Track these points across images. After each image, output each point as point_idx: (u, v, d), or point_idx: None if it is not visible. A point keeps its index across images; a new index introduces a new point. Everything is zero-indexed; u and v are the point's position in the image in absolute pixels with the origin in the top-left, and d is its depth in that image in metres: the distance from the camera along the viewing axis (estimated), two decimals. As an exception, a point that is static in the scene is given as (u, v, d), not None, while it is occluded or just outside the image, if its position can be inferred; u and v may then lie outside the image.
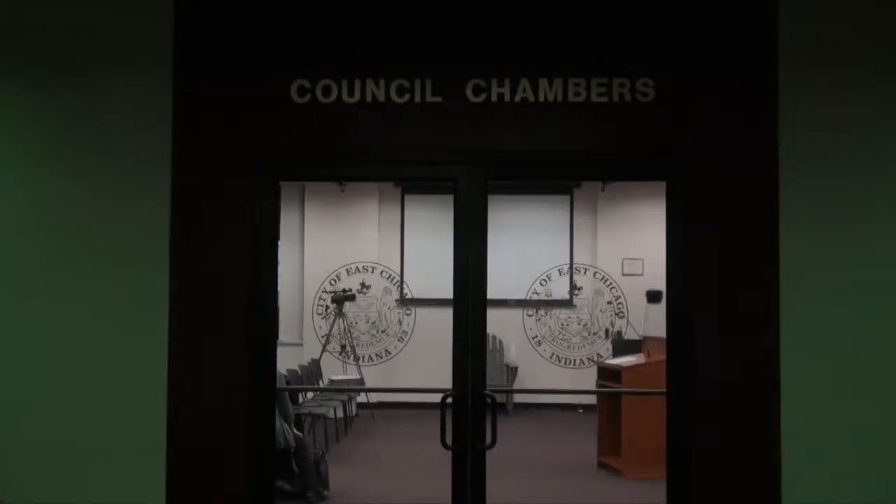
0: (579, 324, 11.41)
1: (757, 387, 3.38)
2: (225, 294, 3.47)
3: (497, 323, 10.18)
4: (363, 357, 10.22)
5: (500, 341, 10.83)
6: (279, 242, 3.69)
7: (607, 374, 7.98)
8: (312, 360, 9.68)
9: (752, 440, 3.38)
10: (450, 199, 3.55)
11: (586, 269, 11.29)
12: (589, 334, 11.33)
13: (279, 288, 4.99)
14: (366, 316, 10.63)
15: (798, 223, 3.38)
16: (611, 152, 3.49)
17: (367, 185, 11.05)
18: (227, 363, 3.45)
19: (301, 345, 10.70)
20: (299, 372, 8.60)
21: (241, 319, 3.45)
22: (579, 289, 11.31)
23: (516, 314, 10.70)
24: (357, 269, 11.25)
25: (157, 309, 3.44)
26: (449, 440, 3.49)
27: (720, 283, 3.40)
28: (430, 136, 3.50)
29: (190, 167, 3.47)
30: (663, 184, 3.52)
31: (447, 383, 3.58)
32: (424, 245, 10.89)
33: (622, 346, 9.15)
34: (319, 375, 9.45)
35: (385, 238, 11.11)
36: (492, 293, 3.62)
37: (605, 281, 12.18)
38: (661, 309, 3.63)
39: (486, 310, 3.57)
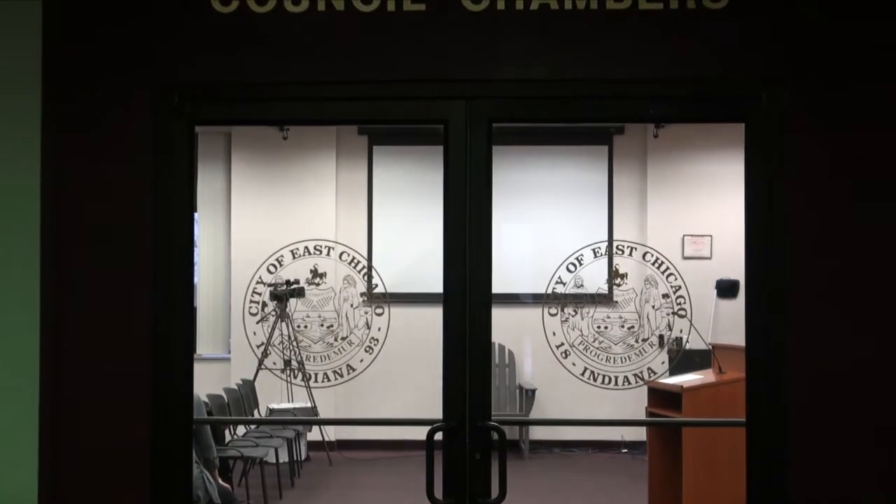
0: (623, 327, 11.25)
1: (878, 416, 3.40)
2: (118, 290, 3.47)
3: (506, 327, 10.18)
4: (316, 376, 10.17)
5: (511, 353, 10.84)
6: (195, 215, 3.67)
7: (662, 398, 7.98)
8: (244, 381, 9.66)
9: (867, 487, 3.40)
10: (437, 151, 3.54)
11: (632, 248, 11.10)
12: (636, 342, 11.19)
13: (196, 280, 4.91)
14: (319, 317, 10.48)
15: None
16: (665, 82, 3.48)
17: (320, 132, 11.02)
18: (121, 388, 3.45)
19: (228, 359, 10.69)
20: (226, 398, 8.59)
21: (143, 326, 3.46)
22: (622, 277, 11.21)
23: (533, 315, 10.53)
24: (307, 250, 11.03)
25: (22, 311, 3.42)
26: (439, 493, 3.49)
27: (826, 267, 3.41)
28: (409, 61, 3.48)
29: (65, 103, 3.47)
30: (740, 127, 3.51)
31: (436, 412, 3.59)
32: (402, 217, 10.88)
33: (683, 358, 9.14)
34: (254, 403, 9.43)
35: (346, 207, 11.12)
36: (498, 285, 3.61)
37: (659, 266, 11.99)
38: (737, 306, 3.63)
39: (491, 309, 3.56)
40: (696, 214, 10.84)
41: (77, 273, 3.47)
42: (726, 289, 10.56)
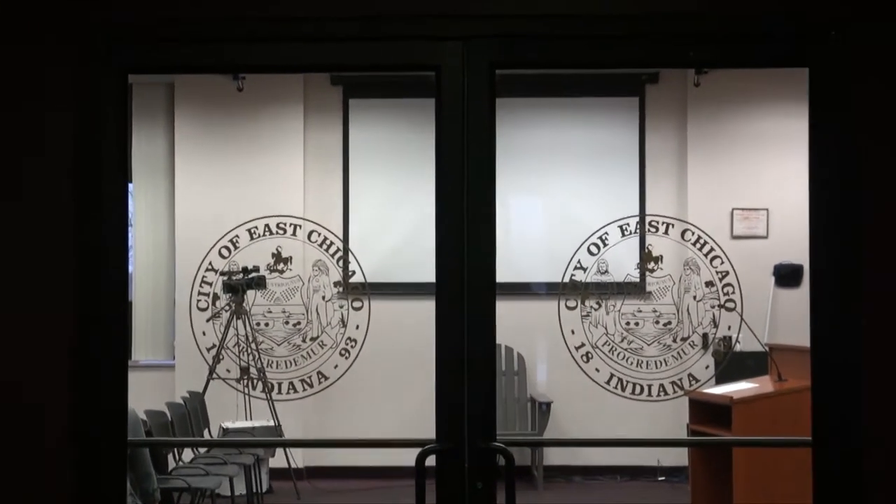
0: (657, 323, 11.22)
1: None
2: (29, 282, 3.46)
3: (514, 325, 10.19)
4: (280, 386, 10.18)
5: (520, 357, 10.85)
6: (129, 186, 3.65)
7: (707, 412, 7.99)
8: (191, 393, 9.66)
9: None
10: (428, 105, 3.54)
11: (669, 224, 11.04)
12: (674, 341, 11.16)
13: (130, 268, 4.88)
14: (284, 313, 10.43)
15: None
16: (710, 17, 3.49)
17: (284, 82, 10.99)
18: (36, 402, 3.44)
19: (171, 367, 10.71)
20: (169, 415, 8.59)
21: (63, 325, 3.45)
22: (657, 260, 11.17)
23: (548, 309, 10.51)
24: (268, 229, 10.95)
25: None
26: (432, 530, 3.50)
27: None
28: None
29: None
30: (804, 73, 3.51)
31: (428, 431, 3.60)
32: (385, 187, 10.89)
33: (733, 362, 9.14)
34: (204, 421, 9.43)
35: (317, 175, 11.13)
36: (504, 273, 3.60)
37: (702, 246, 11.91)
38: (800, 297, 3.63)
39: (496, 302, 3.55)
40: (749, 183, 10.86)
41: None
42: (787, 276, 10.58)
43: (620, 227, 9.67)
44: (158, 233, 11.09)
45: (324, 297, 10.91)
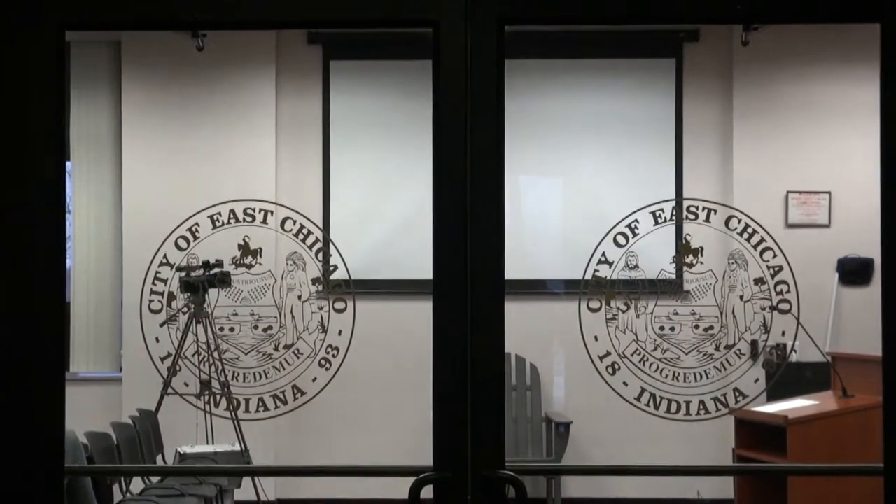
0: (697, 327, 11.17)
1: None
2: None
3: (527, 330, 10.20)
4: (247, 403, 10.18)
5: (534, 368, 10.85)
6: (68, 165, 3.66)
7: (756, 433, 8.00)
8: (142, 411, 9.66)
9: None
10: (424, 69, 3.56)
11: (710, 210, 10.99)
12: (717, 349, 11.13)
13: (69, 263, 4.77)
14: (252, 316, 10.41)
15: None
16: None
17: (252, 39, 11.01)
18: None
19: (118, 380, 10.72)
20: (114, 437, 8.59)
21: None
22: (696, 253, 11.13)
23: (566, 311, 10.51)
24: (233, 216, 10.89)
25: None
26: (429, 575, 3.50)
27: None
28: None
29: None
30: (873, 30, 3.52)
31: (424, 456, 3.62)
32: (373, 166, 10.90)
33: (788, 374, 9.17)
34: (158, 445, 9.43)
35: (291, 151, 11.15)
36: (515, 268, 3.60)
37: (751, 237, 11.85)
38: (870, 297, 3.62)
39: (504, 304, 3.55)
40: (808, 161, 10.87)
41: None
42: (853, 272, 10.58)
43: (653, 213, 9.73)
44: (102, 221, 11.09)
45: (300, 297, 10.97)
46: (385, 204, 10.78)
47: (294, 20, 4.16)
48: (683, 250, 10.74)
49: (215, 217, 9.90)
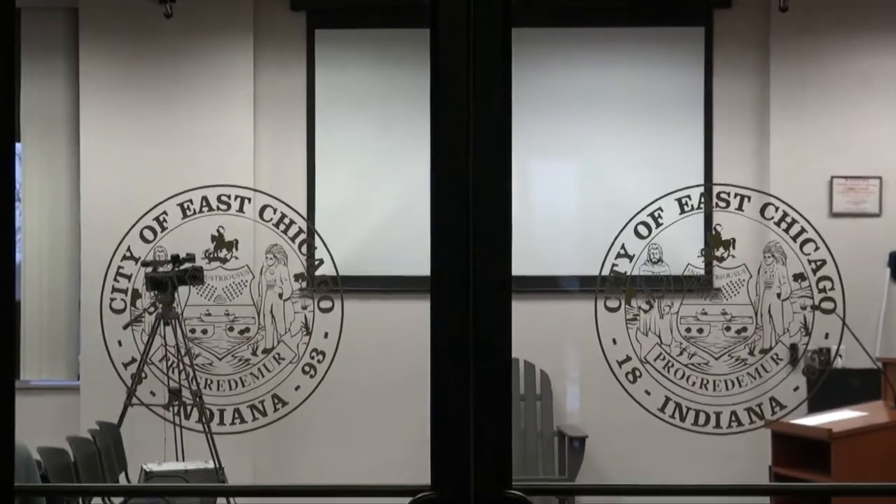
0: (728, 329, 11.12)
1: None
2: None
3: (537, 333, 10.22)
4: (222, 415, 10.18)
5: (544, 375, 10.87)
6: (17, 147, 3.66)
7: (796, 448, 8.01)
8: (103, 424, 9.68)
9: None
10: (420, 37, 3.56)
11: (744, 197, 10.93)
12: (752, 353, 11.05)
13: (18, 256, 4.73)
14: (227, 316, 10.40)
15: None
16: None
17: (226, 5, 11.00)
18: None
19: (76, 389, 10.74)
20: (72, 454, 8.61)
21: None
22: (727, 246, 11.09)
23: (581, 311, 10.49)
24: (206, 204, 10.85)
25: None
26: None
27: None
28: None
29: None
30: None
31: (420, 474, 3.63)
32: (363, 148, 10.90)
33: (832, 382, 9.15)
34: (121, 462, 9.45)
35: (272, 131, 11.15)
36: (524, 263, 3.62)
37: (789, 227, 11.76)
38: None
39: (511, 303, 3.57)
40: (855, 142, 10.87)
41: None
42: (908, 266, 10.59)
43: (679, 200, 9.78)
44: (57, 210, 11.10)
45: (281, 295, 11.03)
46: (378, 190, 10.80)
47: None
48: (713, 242, 10.82)
49: (186, 205, 9.98)
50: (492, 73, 3.54)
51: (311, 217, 10.83)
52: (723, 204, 10.19)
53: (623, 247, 8.27)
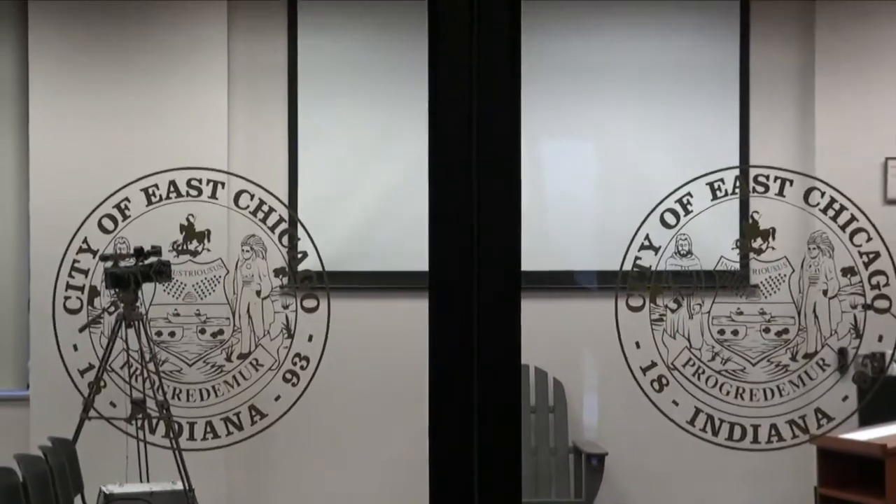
0: (767, 330, 11.20)
1: None
2: None
3: (550, 336, 10.23)
4: (192, 428, 10.23)
5: (558, 384, 10.89)
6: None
7: (845, 466, 8.00)
8: (55, 440, 9.68)
9: None
10: (418, 6, 3.52)
11: (785, 181, 11.07)
12: (794, 358, 11.14)
13: None
14: (199, 316, 10.52)
15: None
16: None
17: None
18: None
19: (24, 400, 10.79)
20: (20, 473, 8.61)
21: None
22: (765, 236, 11.14)
23: (600, 310, 10.60)
24: (173, 189, 10.97)
25: None
26: None
27: None
28: None
29: None
30: None
31: (419, 496, 3.70)
32: (353, 129, 10.94)
33: (886, 391, 9.17)
34: (76, 483, 9.45)
35: (248, 109, 11.21)
36: (535, 258, 3.59)
37: (837, 215, 11.88)
38: None
39: (520, 303, 3.54)
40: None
41: None
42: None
43: (710, 185, 9.69)
44: (3, 197, 11.15)
45: (259, 293, 11.00)
46: (369, 175, 10.84)
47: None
48: (750, 232, 10.83)
49: (150, 190, 9.92)
50: (497, 43, 3.52)
51: (293, 204, 10.83)
52: (761, 189, 10.20)
53: (647, 237, 8.27)
